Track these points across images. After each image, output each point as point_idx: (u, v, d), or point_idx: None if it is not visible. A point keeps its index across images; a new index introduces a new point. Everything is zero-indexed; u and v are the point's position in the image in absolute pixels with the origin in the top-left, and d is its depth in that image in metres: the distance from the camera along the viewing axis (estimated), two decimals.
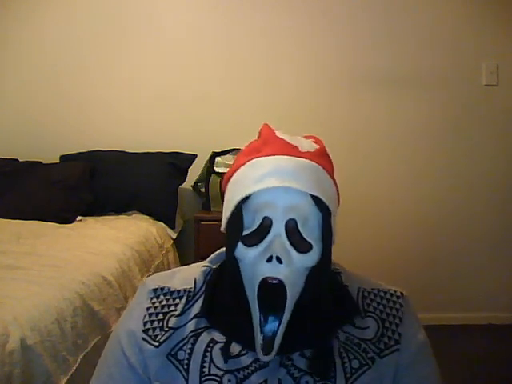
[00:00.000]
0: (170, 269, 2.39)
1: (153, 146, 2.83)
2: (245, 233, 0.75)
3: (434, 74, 2.95)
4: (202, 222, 2.55)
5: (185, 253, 2.74)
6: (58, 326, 1.38)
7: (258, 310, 0.73)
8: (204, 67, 2.95)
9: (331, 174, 0.80)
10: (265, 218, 0.74)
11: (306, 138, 0.84)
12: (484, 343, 2.71)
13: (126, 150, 2.81)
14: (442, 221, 3.00)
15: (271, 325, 0.74)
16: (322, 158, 0.79)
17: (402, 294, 0.84)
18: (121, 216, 2.58)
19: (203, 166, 2.80)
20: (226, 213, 0.78)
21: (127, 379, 0.81)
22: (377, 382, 0.77)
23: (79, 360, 1.42)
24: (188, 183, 2.84)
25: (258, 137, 0.85)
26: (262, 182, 0.73)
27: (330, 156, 0.83)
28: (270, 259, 0.72)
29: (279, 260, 0.71)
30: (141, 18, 2.94)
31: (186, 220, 2.87)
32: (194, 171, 2.79)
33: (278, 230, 0.73)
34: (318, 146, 0.81)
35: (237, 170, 0.79)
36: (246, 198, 0.75)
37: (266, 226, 0.74)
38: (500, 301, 2.99)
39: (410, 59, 2.95)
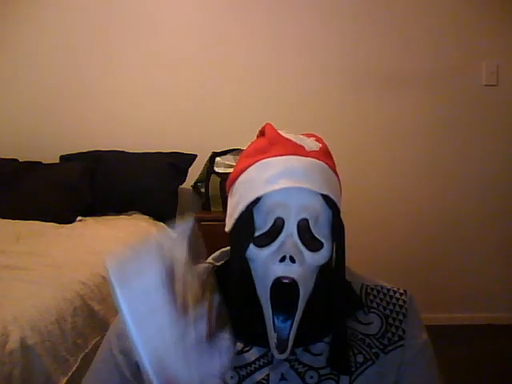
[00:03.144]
0: None
1: (153, 146, 2.83)
2: (256, 234, 0.75)
3: (434, 74, 2.95)
4: (202, 222, 2.55)
5: None
6: (58, 326, 1.38)
7: (270, 309, 0.74)
8: (204, 67, 2.95)
9: (335, 171, 0.81)
10: (277, 218, 0.74)
11: (308, 136, 0.84)
12: (484, 343, 2.71)
13: (126, 150, 2.81)
14: (441, 221, 3.00)
15: (283, 323, 0.74)
16: (326, 156, 0.80)
17: (405, 291, 0.85)
18: (121, 216, 2.58)
19: (203, 165, 2.80)
20: (234, 214, 0.77)
21: (111, 377, 0.82)
22: (380, 376, 0.77)
23: (79, 360, 1.42)
24: (188, 183, 2.84)
25: (258, 136, 0.84)
26: (274, 183, 0.73)
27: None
28: (283, 259, 0.72)
29: (292, 259, 0.72)
30: (141, 18, 2.94)
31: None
32: (194, 171, 2.80)
33: (290, 229, 0.73)
34: (320, 145, 0.81)
35: (243, 171, 0.79)
36: (257, 199, 0.74)
37: (278, 227, 0.74)
38: (500, 301, 2.99)
39: (410, 59, 2.95)
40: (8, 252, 1.82)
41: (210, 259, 0.89)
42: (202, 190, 2.80)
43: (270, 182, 0.73)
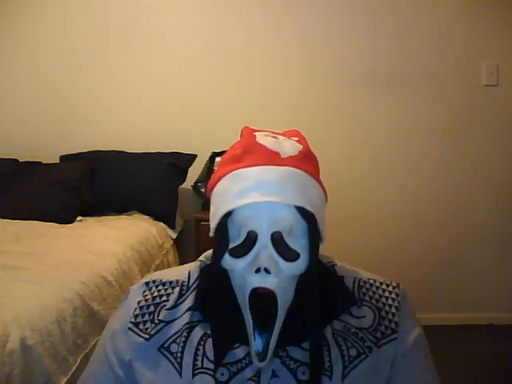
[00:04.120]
0: None
1: (153, 146, 2.83)
2: (231, 245, 0.75)
3: (434, 74, 2.95)
4: (202, 222, 2.55)
5: (185, 253, 2.74)
6: (58, 326, 1.38)
7: (250, 317, 0.74)
8: (204, 67, 2.95)
9: (316, 176, 0.79)
10: (250, 231, 0.74)
11: (288, 134, 0.83)
12: (484, 343, 2.71)
13: (126, 150, 2.81)
14: (442, 221, 3.00)
15: (260, 336, 0.74)
16: (305, 160, 0.77)
17: (397, 284, 0.85)
18: (121, 216, 2.58)
19: (203, 165, 2.80)
20: (212, 223, 0.78)
21: (106, 377, 0.83)
22: (374, 370, 0.77)
23: (79, 360, 1.42)
24: (188, 183, 2.84)
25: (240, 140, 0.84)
26: (245, 197, 0.73)
27: (314, 153, 0.81)
28: (258, 270, 0.72)
29: (267, 271, 0.72)
30: (141, 18, 2.94)
31: (186, 220, 2.87)
32: (194, 171, 2.80)
33: (264, 242, 0.73)
34: (300, 147, 0.78)
35: (218, 180, 0.78)
36: (230, 213, 0.75)
37: (251, 239, 0.74)
38: (500, 301, 2.99)
39: (409, 59, 2.95)
40: (8, 252, 1.81)
41: (202, 257, 0.90)
42: (202, 190, 2.80)
43: (241, 196, 0.73)
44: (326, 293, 0.79)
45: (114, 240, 2.12)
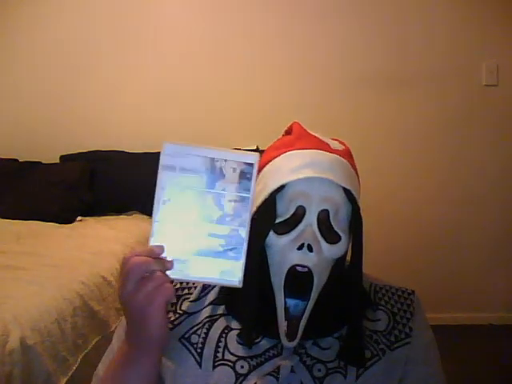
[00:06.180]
0: None
1: (153, 146, 2.83)
2: (277, 221, 0.77)
3: (434, 74, 2.95)
4: None
5: None
6: (58, 326, 1.38)
7: (283, 296, 0.75)
8: (204, 68, 2.95)
9: (357, 173, 0.84)
10: (299, 207, 0.76)
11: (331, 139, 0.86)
12: (484, 343, 2.71)
13: (126, 150, 2.81)
14: (441, 221, 2.99)
15: (293, 312, 0.76)
16: (349, 156, 0.83)
17: (413, 291, 0.87)
18: (121, 216, 2.58)
19: None
20: (256, 203, 0.79)
21: None
22: (387, 372, 0.79)
23: (79, 360, 1.43)
24: None
25: (285, 134, 0.87)
26: (299, 172, 0.76)
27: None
28: (300, 247, 0.74)
29: (310, 248, 0.74)
30: (142, 17, 2.94)
31: None
32: None
33: (311, 219, 0.75)
34: (344, 147, 0.84)
35: (268, 162, 0.81)
36: (282, 188, 0.76)
37: (298, 215, 0.76)
38: (500, 301, 2.99)
39: (409, 59, 2.94)
40: (8, 252, 1.82)
41: None
42: None
43: (295, 171, 0.76)
44: (343, 293, 0.81)
45: (114, 240, 2.12)
